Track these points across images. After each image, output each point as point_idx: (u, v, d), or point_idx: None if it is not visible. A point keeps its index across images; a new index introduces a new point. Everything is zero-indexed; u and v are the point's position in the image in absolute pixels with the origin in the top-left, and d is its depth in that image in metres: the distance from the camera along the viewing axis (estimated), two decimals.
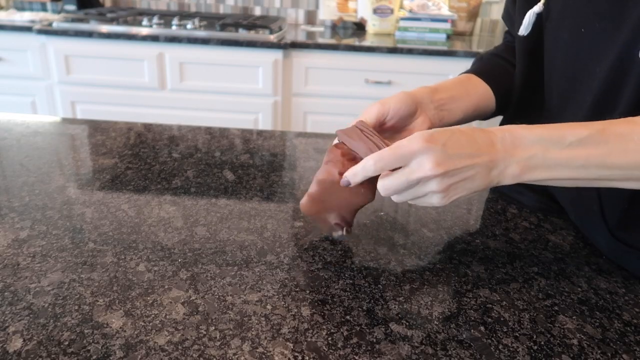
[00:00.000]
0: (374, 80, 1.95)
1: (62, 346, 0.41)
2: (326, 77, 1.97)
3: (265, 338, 0.43)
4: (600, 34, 0.52)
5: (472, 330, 0.46)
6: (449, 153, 0.44)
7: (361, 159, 0.50)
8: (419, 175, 0.45)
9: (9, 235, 0.56)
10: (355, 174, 0.49)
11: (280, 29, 2.01)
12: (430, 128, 0.62)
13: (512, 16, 0.68)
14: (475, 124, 1.62)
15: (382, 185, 0.48)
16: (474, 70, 0.72)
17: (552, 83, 0.62)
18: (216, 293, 0.48)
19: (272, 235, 0.59)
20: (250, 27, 1.95)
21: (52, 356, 0.40)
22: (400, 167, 0.46)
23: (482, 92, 0.69)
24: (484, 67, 0.72)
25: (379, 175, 0.49)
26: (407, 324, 0.46)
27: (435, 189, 0.46)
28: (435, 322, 0.46)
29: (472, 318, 0.47)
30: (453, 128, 0.46)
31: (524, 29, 0.61)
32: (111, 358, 0.40)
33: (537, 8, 0.59)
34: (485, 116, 0.72)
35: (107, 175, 0.72)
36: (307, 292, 0.49)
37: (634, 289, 0.53)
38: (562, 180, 0.47)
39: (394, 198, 0.49)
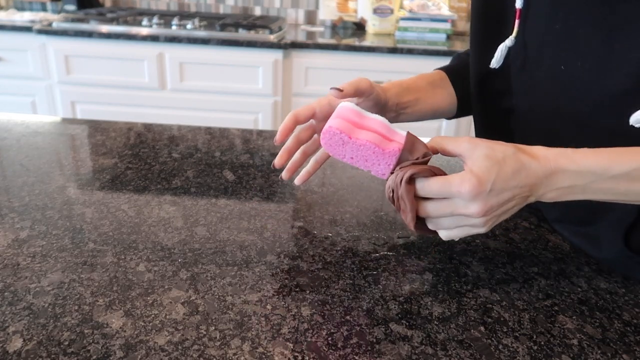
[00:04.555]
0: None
1: (62, 346, 0.41)
2: (326, 77, 1.97)
3: (265, 338, 0.43)
4: (585, 75, 0.51)
5: (472, 330, 0.46)
6: (494, 192, 0.44)
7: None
8: (464, 212, 0.45)
9: (9, 235, 0.56)
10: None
11: (280, 29, 2.01)
12: None
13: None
14: None
15: (423, 209, 0.48)
16: (448, 68, 0.73)
17: (527, 113, 0.61)
18: (216, 293, 0.48)
19: (272, 235, 0.59)
20: (250, 27, 1.95)
21: (52, 356, 0.40)
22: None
23: (446, 95, 0.70)
24: (457, 67, 0.73)
25: None
26: (407, 324, 0.46)
27: (476, 223, 0.46)
28: (435, 322, 0.46)
29: (472, 318, 0.47)
30: (496, 159, 0.45)
31: (496, 62, 0.61)
32: (111, 358, 0.40)
33: (509, 41, 0.59)
34: (446, 117, 0.74)
35: (107, 175, 0.72)
36: (307, 292, 0.49)
37: (634, 289, 0.53)
38: (601, 200, 0.47)
39: (436, 226, 0.50)
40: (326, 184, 0.73)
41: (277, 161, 0.59)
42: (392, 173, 0.50)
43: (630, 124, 0.46)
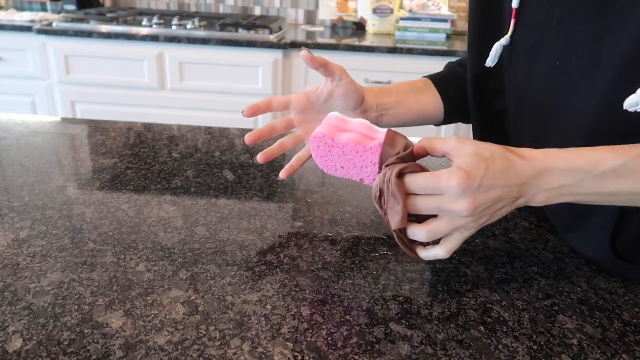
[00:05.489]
0: (374, 80, 1.95)
1: (62, 346, 0.41)
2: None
3: (265, 338, 0.43)
4: (577, 70, 0.51)
5: (472, 330, 0.46)
6: (483, 188, 0.44)
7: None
8: (452, 208, 0.45)
9: (9, 235, 0.56)
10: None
11: (280, 29, 2.01)
12: None
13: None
14: None
15: (411, 204, 0.47)
16: (435, 77, 0.73)
17: (520, 113, 0.61)
18: (216, 293, 0.48)
19: (272, 235, 0.59)
20: (250, 27, 1.95)
21: (52, 356, 0.40)
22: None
23: (431, 101, 0.70)
24: (446, 76, 0.73)
25: None
26: (407, 324, 0.46)
27: (466, 223, 0.46)
28: (435, 322, 0.46)
29: (472, 318, 0.47)
30: (483, 157, 0.45)
31: (491, 61, 0.61)
32: (111, 358, 0.40)
33: (505, 41, 0.59)
34: (433, 124, 0.73)
35: (107, 175, 0.72)
36: (307, 292, 0.49)
37: (634, 289, 0.53)
38: (591, 203, 0.47)
39: (427, 237, 0.48)
40: (326, 184, 0.73)
41: (246, 137, 0.62)
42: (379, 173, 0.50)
43: (625, 108, 0.46)
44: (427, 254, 0.49)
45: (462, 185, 0.43)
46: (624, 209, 0.52)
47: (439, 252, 0.49)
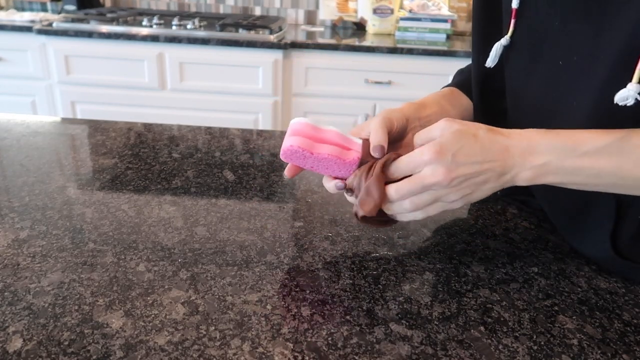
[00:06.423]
0: (374, 81, 1.96)
1: (62, 346, 0.41)
2: (326, 77, 1.97)
3: (265, 338, 0.43)
4: (577, 69, 0.52)
5: (472, 330, 0.46)
6: (458, 162, 0.46)
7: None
8: (433, 180, 0.47)
9: (9, 235, 0.56)
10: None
11: (280, 29, 2.01)
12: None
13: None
14: None
15: (396, 189, 0.49)
16: (456, 84, 0.73)
17: (519, 113, 0.61)
18: (216, 293, 0.48)
19: (272, 235, 0.59)
20: (250, 27, 1.95)
21: (52, 356, 0.40)
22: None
23: (465, 105, 0.70)
24: (466, 81, 0.73)
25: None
26: (407, 324, 0.46)
27: (449, 192, 0.48)
28: (435, 322, 0.46)
29: (472, 318, 0.47)
30: (466, 134, 0.47)
31: (491, 61, 0.61)
32: (111, 358, 0.40)
33: (505, 41, 0.59)
34: None
35: (107, 175, 0.72)
36: (307, 292, 0.49)
37: (634, 289, 0.53)
38: (575, 185, 0.48)
39: (411, 208, 0.50)
40: None
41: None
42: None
43: (615, 102, 0.46)
44: (406, 215, 0.52)
45: (434, 156, 0.46)
46: (622, 205, 0.52)
47: (417, 214, 0.51)
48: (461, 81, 0.73)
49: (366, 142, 0.53)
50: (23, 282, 0.48)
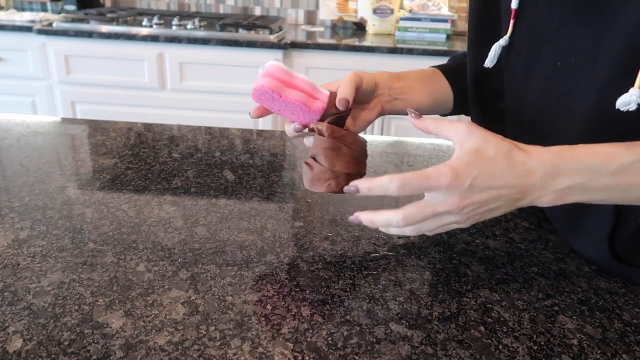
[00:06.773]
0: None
1: (62, 346, 0.41)
2: (326, 77, 1.96)
3: (265, 338, 0.43)
4: (576, 70, 0.51)
5: (472, 330, 0.46)
6: (473, 189, 0.44)
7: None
8: (444, 209, 0.45)
9: (9, 235, 0.56)
10: (370, 189, 0.48)
11: (280, 29, 2.01)
12: (381, 114, 0.64)
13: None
14: None
15: (405, 215, 0.47)
16: (441, 67, 0.73)
17: (518, 113, 0.61)
18: (216, 293, 0.48)
19: (272, 235, 0.59)
20: (250, 27, 1.95)
21: (52, 356, 0.40)
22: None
23: (442, 89, 0.70)
24: (453, 66, 0.73)
25: (364, 155, 0.54)
26: (407, 324, 0.46)
27: (457, 219, 0.47)
28: (435, 322, 0.46)
29: (472, 318, 0.47)
30: (484, 156, 0.44)
31: (490, 62, 0.61)
32: (111, 358, 0.40)
33: (504, 41, 0.59)
34: (442, 113, 0.73)
35: (107, 175, 0.72)
36: (307, 292, 0.49)
37: (634, 289, 0.53)
38: (598, 201, 0.46)
39: (412, 231, 0.49)
40: None
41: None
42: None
43: (617, 107, 0.45)
44: (399, 230, 0.50)
45: (451, 183, 0.44)
46: (619, 209, 0.51)
47: (409, 231, 0.50)
48: (449, 66, 0.73)
49: (333, 95, 0.56)
50: (23, 282, 0.48)
